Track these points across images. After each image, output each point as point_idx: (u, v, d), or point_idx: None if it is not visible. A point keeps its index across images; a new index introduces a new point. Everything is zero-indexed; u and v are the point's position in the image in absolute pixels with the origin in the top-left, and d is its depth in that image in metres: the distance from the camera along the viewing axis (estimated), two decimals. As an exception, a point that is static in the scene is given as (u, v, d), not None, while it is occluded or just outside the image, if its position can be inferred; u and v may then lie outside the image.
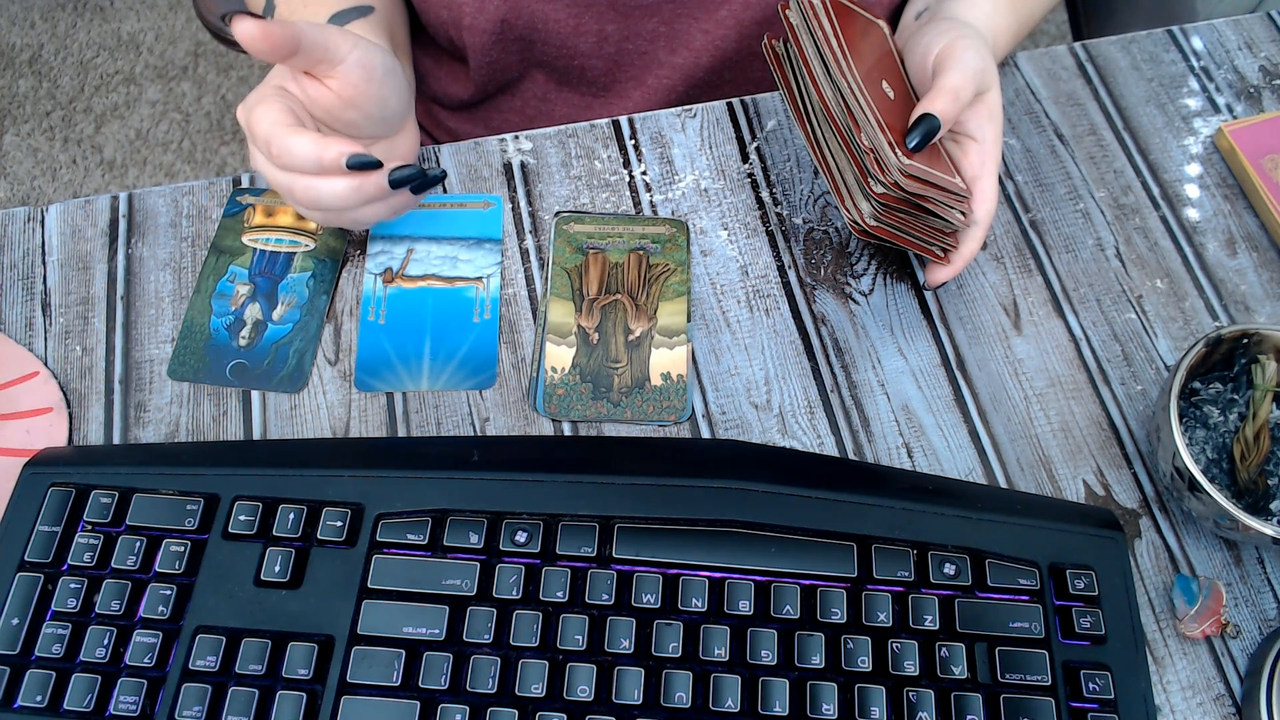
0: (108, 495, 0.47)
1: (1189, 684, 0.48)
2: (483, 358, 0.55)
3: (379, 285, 0.57)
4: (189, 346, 0.54)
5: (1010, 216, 0.60)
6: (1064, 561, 0.48)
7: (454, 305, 0.57)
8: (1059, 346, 0.56)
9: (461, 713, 0.43)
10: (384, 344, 0.55)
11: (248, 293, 0.56)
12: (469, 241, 0.58)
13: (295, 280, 0.57)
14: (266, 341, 0.55)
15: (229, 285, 0.57)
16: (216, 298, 0.56)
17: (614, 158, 0.61)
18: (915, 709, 0.44)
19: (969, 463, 0.53)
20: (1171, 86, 0.65)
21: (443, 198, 0.60)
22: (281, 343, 0.55)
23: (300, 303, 0.56)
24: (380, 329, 0.56)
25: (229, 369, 0.54)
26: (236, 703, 0.43)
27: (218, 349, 0.55)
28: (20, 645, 0.45)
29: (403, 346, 0.55)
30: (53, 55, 1.68)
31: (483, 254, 0.58)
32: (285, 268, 0.57)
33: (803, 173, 0.61)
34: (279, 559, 0.46)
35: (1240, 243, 0.60)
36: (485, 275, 0.57)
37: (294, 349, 0.55)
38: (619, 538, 0.47)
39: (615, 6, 0.63)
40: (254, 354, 0.55)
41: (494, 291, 0.57)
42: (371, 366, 0.55)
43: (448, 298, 0.57)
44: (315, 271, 0.57)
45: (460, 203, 0.59)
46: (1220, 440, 0.51)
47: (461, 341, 0.55)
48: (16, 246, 0.58)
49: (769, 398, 0.54)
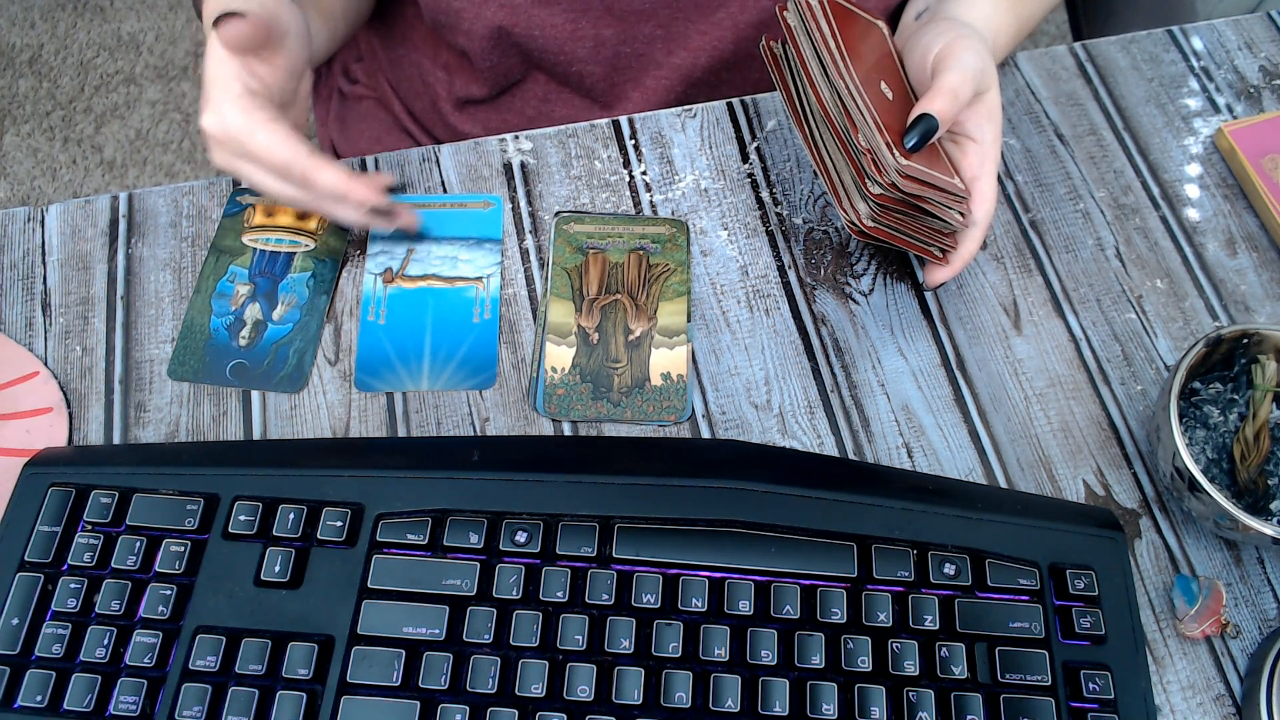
0: (108, 495, 0.47)
1: (1189, 684, 0.48)
2: (483, 358, 0.55)
3: (379, 285, 0.57)
4: (189, 346, 0.54)
5: (1010, 216, 0.60)
6: (1064, 561, 0.48)
7: (454, 305, 0.56)
8: (1059, 346, 0.56)
9: (461, 713, 0.43)
10: (384, 344, 0.55)
11: (248, 293, 0.56)
12: (469, 241, 0.58)
13: (295, 280, 0.57)
14: (266, 341, 0.55)
15: (229, 285, 0.56)
16: (216, 298, 0.56)
17: (614, 158, 0.61)
18: (915, 709, 0.44)
19: (969, 463, 0.53)
20: (1171, 86, 0.65)
21: (443, 198, 0.60)
22: (281, 343, 0.55)
23: (300, 303, 0.56)
24: (380, 329, 0.56)
25: (229, 369, 0.54)
26: (236, 703, 0.43)
27: (218, 349, 0.55)
28: (20, 645, 0.45)
29: (403, 346, 0.55)
30: (53, 55, 1.68)
31: (483, 254, 0.58)
32: (285, 268, 0.57)
33: (803, 173, 0.61)
34: (279, 559, 0.46)
35: (1240, 243, 0.60)
36: (485, 275, 0.57)
37: (294, 349, 0.55)
38: (619, 538, 0.47)
39: (612, 11, 0.63)
40: (254, 354, 0.54)
41: (494, 291, 0.57)
42: (371, 366, 0.55)
43: (448, 298, 0.57)
44: (315, 271, 0.57)
45: (460, 203, 0.59)
46: (1220, 440, 0.51)
47: (461, 341, 0.55)
48: (16, 246, 0.58)
49: (769, 398, 0.54)
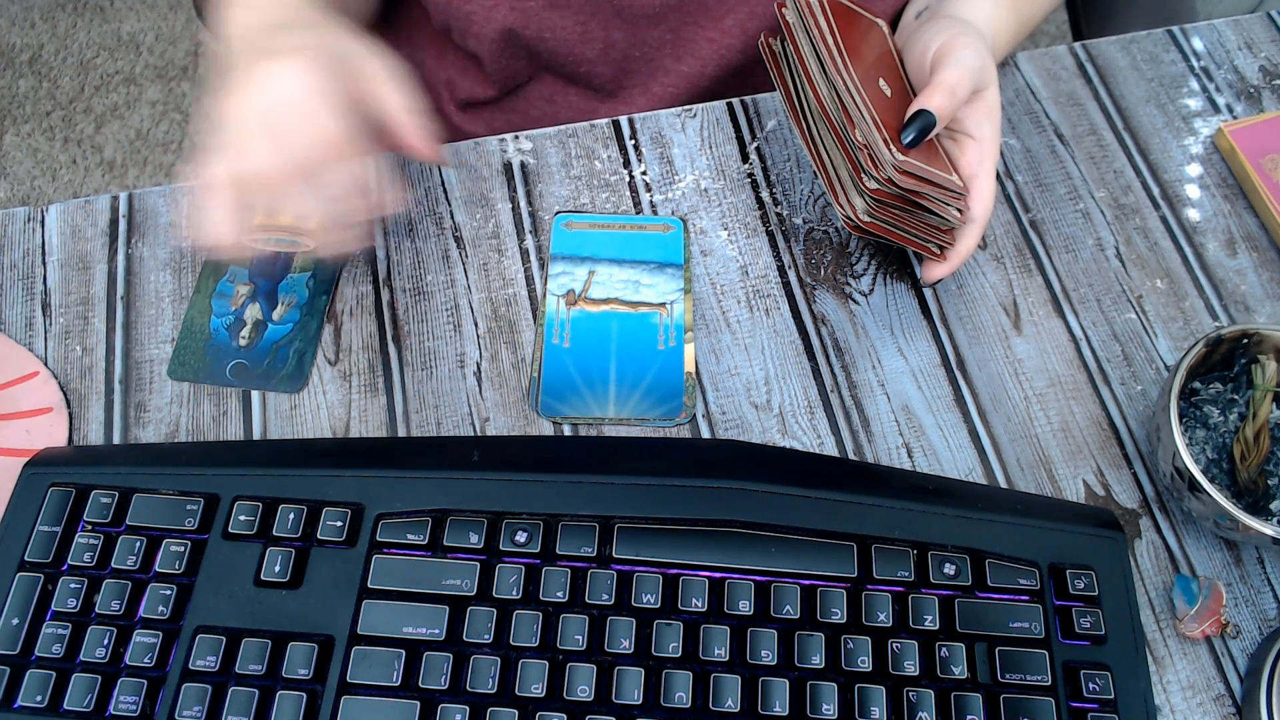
0: (108, 495, 0.47)
1: (1189, 684, 0.48)
2: (669, 386, 0.53)
3: (562, 307, 0.55)
4: (189, 346, 0.54)
5: (1010, 216, 0.60)
6: (1064, 561, 0.48)
7: (639, 331, 0.55)
8: (1059, 346, 0.56)
9: (461, 713, 0.43)
10: (569, 369, 0.54)
11: (248, 293, 0.56)
12: (650, 265, 0.57)
13: (295, 280, 0.57)
14: (266, 342, 0.55)
15: (229, 285, 0.56)
16: (216, 298, 0.56)
17: (614, 158, 0.61)
18: (915, 709, 0.44)
19: (969, 463, 0.53)
20: (1171, 86, 0.65)
21: (623, 219, 0.58)
22: (281, 343, 0.55)
23: (300, 303, 0.56)
24: (565, 353, 0.54)
25: (229, 369, 0.54)
26: (236, 703, 0.43)
27: (218, 349, 0.55)
28: (20, 645, 0.45)
29: (588, 372, 0.54)
30: (53, 55, 1.68)
31: (665, 279, 0.56)
32: (285, 268, 0.57)
33: (803, 173, 0.61)
34: (279, 559, 0.46)
35: (1240, 243, 0.60)
36: (669, 301, 0.56)
37: (294, 349, 0.55)
38: (619, 538, 0.47)
39: (622, 15, 0.63)
40: (254, 354, 0.54)
41: (678, 318, 0.55)
42: (558, 391, 0.53)
43: (632, 323, 0.55)
44: (315, 272, 0.57)
45: (639, 225, 0.58)
46: (1220, 440, 0.51)
47: (647, 369, 0.54)
48: (16, 246, 0.58)
49: (769, 398, 0.54)
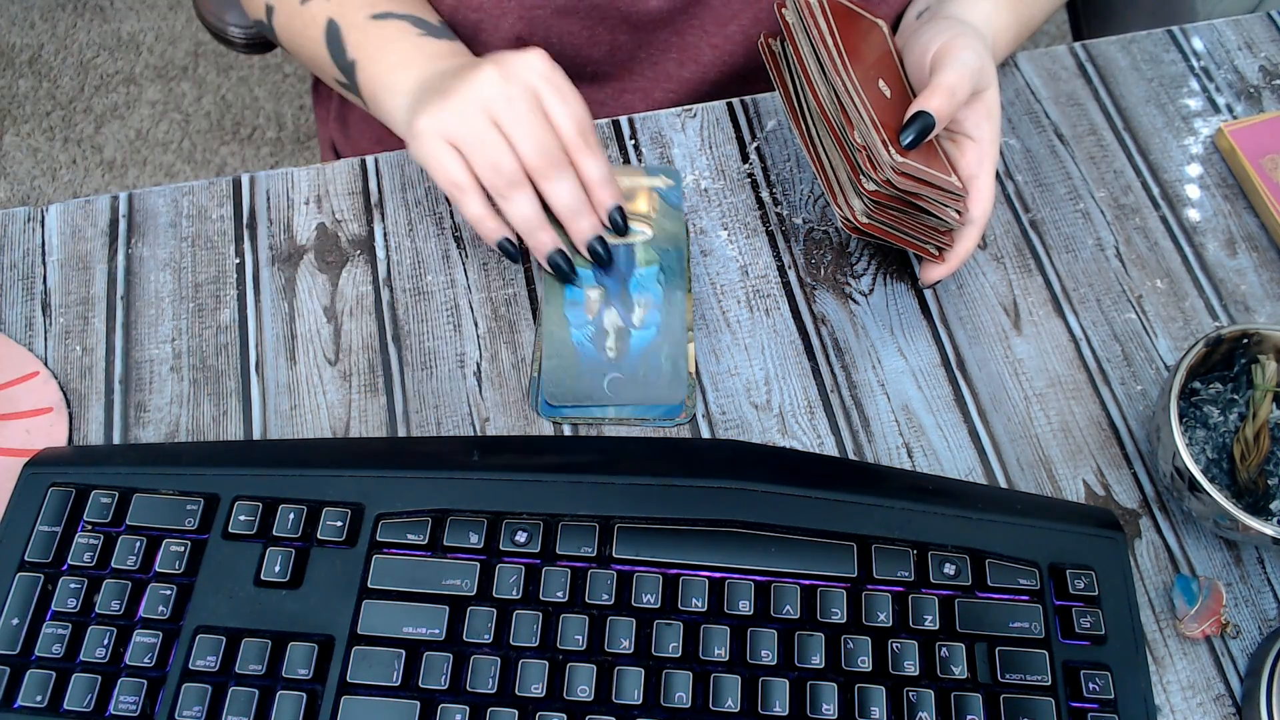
0: (108, 495, 0.47)
1: (1189, 684, 0.48)
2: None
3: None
4: (562, 366, 0.48)
5: (1010, 216, 0.60)
6: (1064, 561, 0.48)
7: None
8: (1059, 346, 0.56)
9: (461, 713, 0.43)
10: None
11: (599, 297, 0.51)
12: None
13: (644, 276, 0.51)
14: (635, 350, 0.50)
15: (579, 291, 0.51)
16: (569, 306, 0.50)
17: (614, 157, 0.61)
18: (915, 709, 0.44)
19: (969, 463, 0.53)
20: (1171, 86, 0.65)
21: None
22: (650, 349, 0.50)
23: (656, 302, 0.51)
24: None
25: (606, 384, 0.49)
26: (236, 703, 0.43)
27: (592, 365, 0.49)
28: (20, 645, 0.45)
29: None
30: (53, 55, 1.68)
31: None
32: (629, 263, 0.51)
33: (803, 173, 0.61)
34: (279, 559, 0.46)
35: (1240, 243, 0.60)
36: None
37: (664, 354, 0.50)
38: (619, 538, 0.47)
39: (629, 20, 0.63)
40: (626, 365, 0.49)
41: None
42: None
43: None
44: (662, 264, 0.51)
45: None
46: (1220, 440, 0.51)
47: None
48: (16, 246, 0.58)
49: (769, 398, 0.54)
